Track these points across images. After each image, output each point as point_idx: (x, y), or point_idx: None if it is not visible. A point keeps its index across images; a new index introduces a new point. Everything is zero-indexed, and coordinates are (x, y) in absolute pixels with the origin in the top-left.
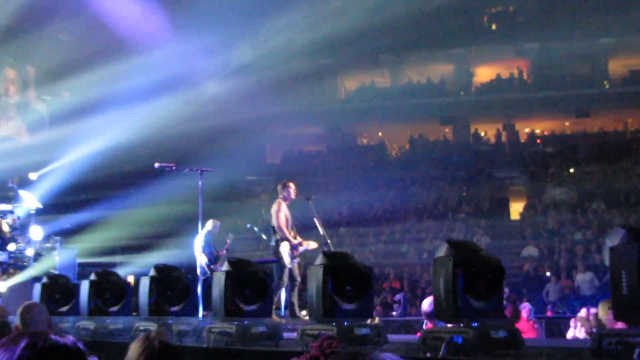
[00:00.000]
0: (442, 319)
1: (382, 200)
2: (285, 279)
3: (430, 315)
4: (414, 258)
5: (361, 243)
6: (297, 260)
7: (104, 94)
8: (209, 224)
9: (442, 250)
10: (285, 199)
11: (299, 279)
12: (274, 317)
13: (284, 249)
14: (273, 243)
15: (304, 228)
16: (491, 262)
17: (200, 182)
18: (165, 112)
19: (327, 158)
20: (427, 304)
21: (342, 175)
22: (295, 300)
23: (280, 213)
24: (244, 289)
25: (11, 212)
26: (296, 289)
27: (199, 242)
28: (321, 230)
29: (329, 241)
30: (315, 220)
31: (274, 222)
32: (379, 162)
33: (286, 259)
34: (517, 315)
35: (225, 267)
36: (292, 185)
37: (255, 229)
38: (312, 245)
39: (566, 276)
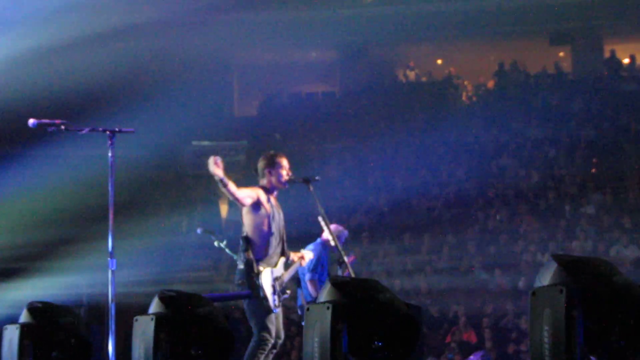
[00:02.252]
0: None
1: (442, 181)
2: (266, 334)
3: None
4: (502, 285)
5: (403, 260)
6: (286, 295)
7: None
8: (330, 230)
9: (547, 274)
10: (269, 187)
11: (282, 334)
12: None
13: (265, 277)
14: (241, 266)
15: (300, 237)
16: (635, 295)
17: (110, 154)
18: (55, 38)
19: (343, 107)
20: None
21: (369, 137)
22: None
23: (246, 191)
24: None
25: None
26: (274, 352)
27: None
28: (331, 239)
29: (345, 258)
30: (321, 220)
31: (245, 227)
32: (439, 113)
33: (267, 293)
34: None
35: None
36: (282, 160)
37: (213, 238)
38: (308, 256)
39: None
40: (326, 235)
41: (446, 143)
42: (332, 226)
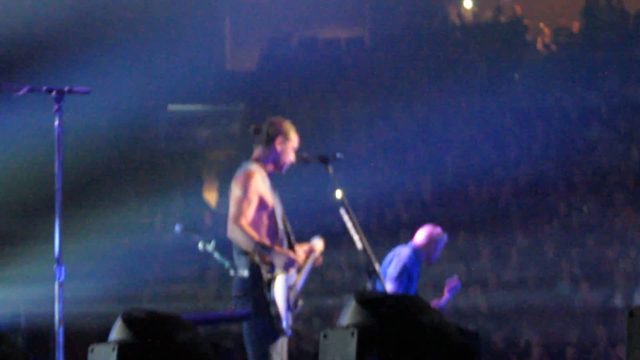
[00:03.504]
0: None
1: (510, 160)
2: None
3: None
4: (591, 304)
5: (455, 268)
6: (297, 309)
7: None
8: (424, 234)
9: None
10: (269, 163)
11: None
12: None
13: (278, 288)
14: (244, 272)
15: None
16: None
17: (57, 122)
18: None
19: (374, 58)
20: None
21: (409, 100)
22: None
23: (245, 200)
24: None
25: None
26: None
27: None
28: (357, 239)
29: (375, 265)
30: (344, 214)
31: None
32: (506, 66)
33: (281, 309)
34: None
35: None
36: (290, 131)
37: (197, 238)
38: (319, 246)
39: None
40: (356, 238)
41: (515, 108)
42: (427, 229)
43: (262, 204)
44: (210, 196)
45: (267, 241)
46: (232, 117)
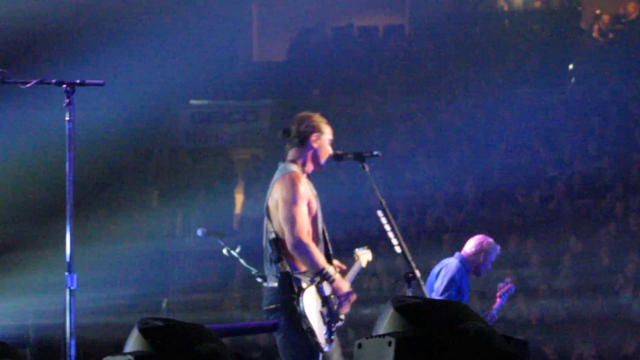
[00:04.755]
0: None
1: (563, 158)
2: None
3: None
4: None
5: (503, 274)
6: (340, 322)
7: None
8: (474, 243)
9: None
10: (307, 163)
11: None
12: None
13: (310, 299)
14: (274, 282)
15: (346, 241)
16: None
17: (68, 117)
18: None
19: (414, 47)
20: None
21: (452, 92)
22: None
23: (297, 205)
24: None
25: None
26: None
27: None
28: (396, 243)
29: (415, 271)
30: (382, 216)
31: (275, 226)
32: (558, 56)
33: (314, 323)
34: None
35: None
36: (322, 123)
37: (221, 243)
38: (366, 257)
39: None
40: (396, 243)
41: (569, 102)
42: (478, 238)
43: (308, 207)
44: (237, 198)
45: (331, 269)
46: (259, 112)
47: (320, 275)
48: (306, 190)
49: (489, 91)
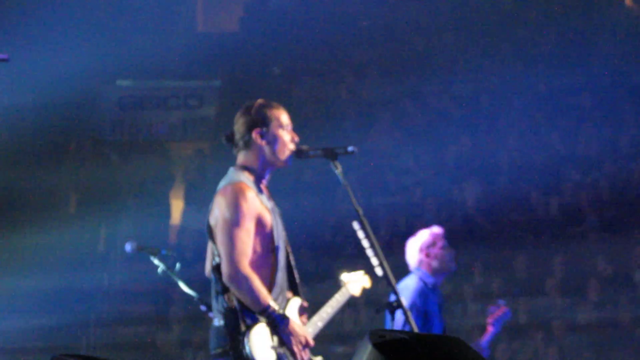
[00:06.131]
0: None
1: (587, 157)
2: None
3: None
4: None
5: (509, 302)
6: None
7: None
8: (414, 248)
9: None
10: (259, 167)
11: None
12: None
13: (257, 337)
14: (219, 321)
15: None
16: None
17: None
18: None
19: (398, 17)
20: None
21: (454, 72)
22: None
23: (239, 226)
24: None
25: None
26: None
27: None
28: (376, 263)
29: (403, 300)
30: (357, 228)
31: (220, 248)
32: (583, 33)
33: None
34: None
35: None
36: (280, 114)
37: (156, 261)
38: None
39: None
40: (375, 264)
41: (595, 86)
42: (413, 240)
43: (258, 226)
44: (175, 205)
45: (276, 306)
46: (205, 97)
47: (265, 315)
48: (254, 205)
49: (494, 72)
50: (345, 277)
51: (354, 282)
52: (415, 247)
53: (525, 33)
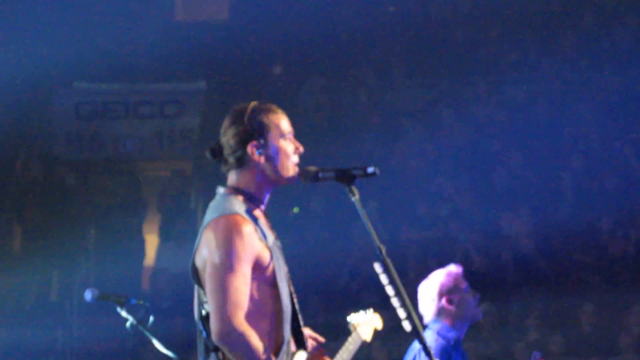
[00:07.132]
0: None
1: None
2: None
3: None
4: None
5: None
6: None
7: None
8: (430, 293)
9: None
10: (256, 189)
11: None
12: None
13: None
14: None
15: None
16: None
17: None
18: None
19: (418, 10)
20: None
21: (499, 71)
22: None
23: (233, 272)
24: None
25: None
26: None
27: None
28: (400, 310)
29: (429, 348)
30: (381, 273)
31: (209, 298)
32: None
33: None
34: None
35: None
36: (280, 120)
37: (123, 313)
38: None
39: None
40: (398, 310)
41: None
42: (429, 281)
43: (256, 270)
44: (149, 241)
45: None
46: (186, 103)
47: None
48: (251, 243)
49: (552, 72)
50: (353, 318)
51: (365, 325)
52: (431, 294)
53: (592, 23)
